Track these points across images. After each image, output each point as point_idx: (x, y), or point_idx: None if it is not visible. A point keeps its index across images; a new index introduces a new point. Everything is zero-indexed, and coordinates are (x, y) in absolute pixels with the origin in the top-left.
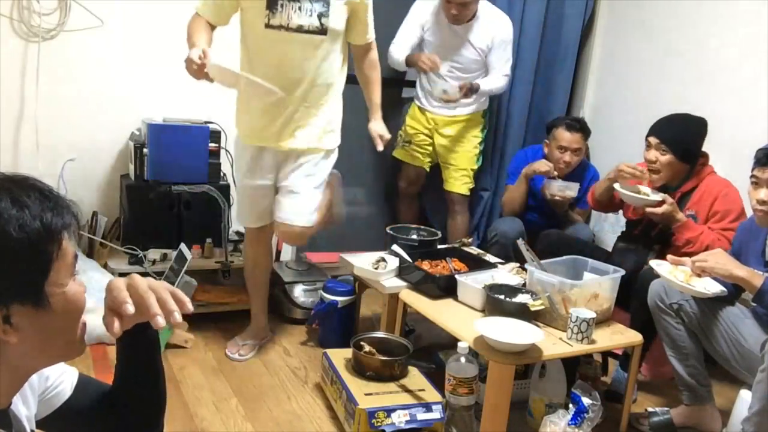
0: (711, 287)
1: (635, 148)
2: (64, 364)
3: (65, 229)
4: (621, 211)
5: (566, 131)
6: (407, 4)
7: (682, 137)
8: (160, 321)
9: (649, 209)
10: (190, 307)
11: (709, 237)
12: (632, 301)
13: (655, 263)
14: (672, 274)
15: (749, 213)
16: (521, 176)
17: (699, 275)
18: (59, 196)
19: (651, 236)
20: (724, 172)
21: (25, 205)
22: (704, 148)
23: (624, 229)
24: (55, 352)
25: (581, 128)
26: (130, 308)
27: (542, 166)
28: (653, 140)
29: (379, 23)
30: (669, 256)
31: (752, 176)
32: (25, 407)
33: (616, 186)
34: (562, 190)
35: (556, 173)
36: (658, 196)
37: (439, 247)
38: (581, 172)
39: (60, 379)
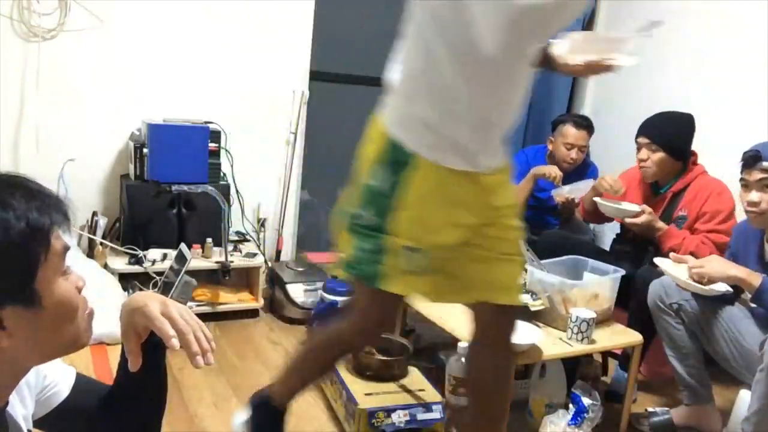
0: (716, 285)
1: (635, 148)
2: (63, 364)
3: (53, 227)
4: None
5: (573, 128)
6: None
7: (671, 134)
8: (200, 361)
9: (628, 220)
10: (213, 344)
11: (692, 243)
12: (630, 302)
13: (658, 260)
14: (676, 271)
15: (741, 216)
16: (528, 176)
17: (700, 282)
18: (47, 194)
19: (644, 238)
20: (724, 173)
21: (9, 205)
22: (704, 148)
23: (619, 232)
24: (55, 346)
25: (588, 126)
26: (177, 344)
27: (552, 170)
28: (643, 140)
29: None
30: (672, 254)
31: (741, 179)
32: (22, 406)
33: (597, 199)
34: (577, 191)
35: (560, 180)
36: (636, 207)
37: None
38: (583, 169)
39: (58, 379)
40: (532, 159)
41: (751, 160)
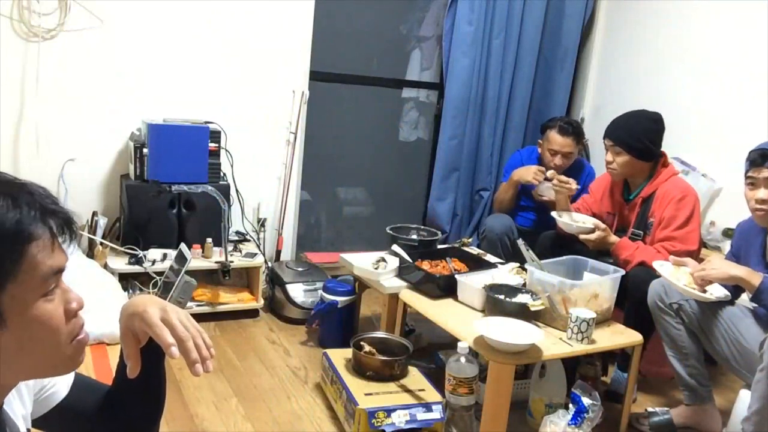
0: (715, 291)
1: None
2: None
3: (33, 240)
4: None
5: (558, 135)
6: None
7: (635, 136)
8: (199, 369)
9: (583, 236)
10: (213, 351)
11: (644, 253)
12: (626, 301)
13: (657, 264)
14: (674, 276)
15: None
16: (510, 181)
17: (703, 288)
18: (35, 202)
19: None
20: (722, 172)
21: None
22: (704, 147)
23: None
24: (27, 368)
25: (574, 131)
26: (176, 353)
27: (528, 174)
28: (608, 142)
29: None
30: (671, 257)
31: (748, 177)
32: (21, 406)
33: (553, 214)
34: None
35: (544, 177)
36: (590, 224)
37: (439, 247)
38: (576, 171)
39: (56, 379)
40: (527, 159)
41: (759, 158)
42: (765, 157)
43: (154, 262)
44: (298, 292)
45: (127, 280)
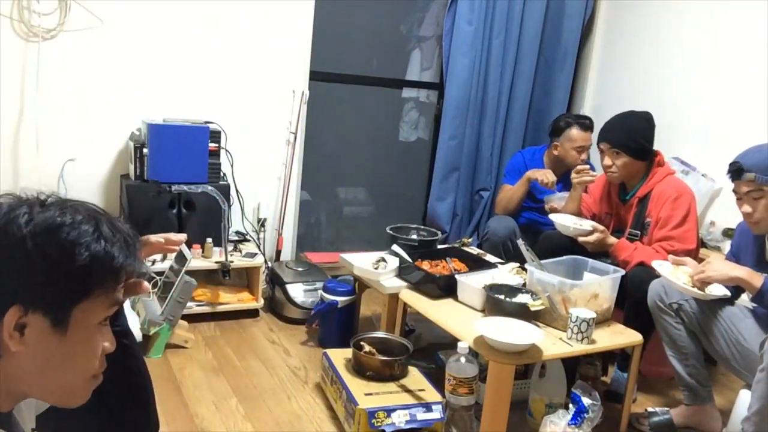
0: (714, 290)
1: None
2: None
3: (124, 273)
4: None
5: (581, 131)
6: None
7: (631, 137)
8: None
9: (581, 239)
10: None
11: (643, 253)
12: (626, 301)
13: (657, 264)
14: (674, 275)
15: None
16: (523, 179)
17: (702, 288)
18: (138, 251)
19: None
20: (722, 172)
21: (105, 236)
22: (704, 145)
23: None
24: (52, 387)
25: (592, 126)
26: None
27: (546, 176)
28: (604, 146)
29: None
30: (670, 257)
31: (734, 190)
32: (25, 408)
33: (551, 216)
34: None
35: (554, 186)
36: (588, 226)
37: (439, 247)
38: None
39: None
40: (529, 160)
41: (735, 173)
42: (739, 171)
43: (154, 262)
44: (298, 292)
45: None
